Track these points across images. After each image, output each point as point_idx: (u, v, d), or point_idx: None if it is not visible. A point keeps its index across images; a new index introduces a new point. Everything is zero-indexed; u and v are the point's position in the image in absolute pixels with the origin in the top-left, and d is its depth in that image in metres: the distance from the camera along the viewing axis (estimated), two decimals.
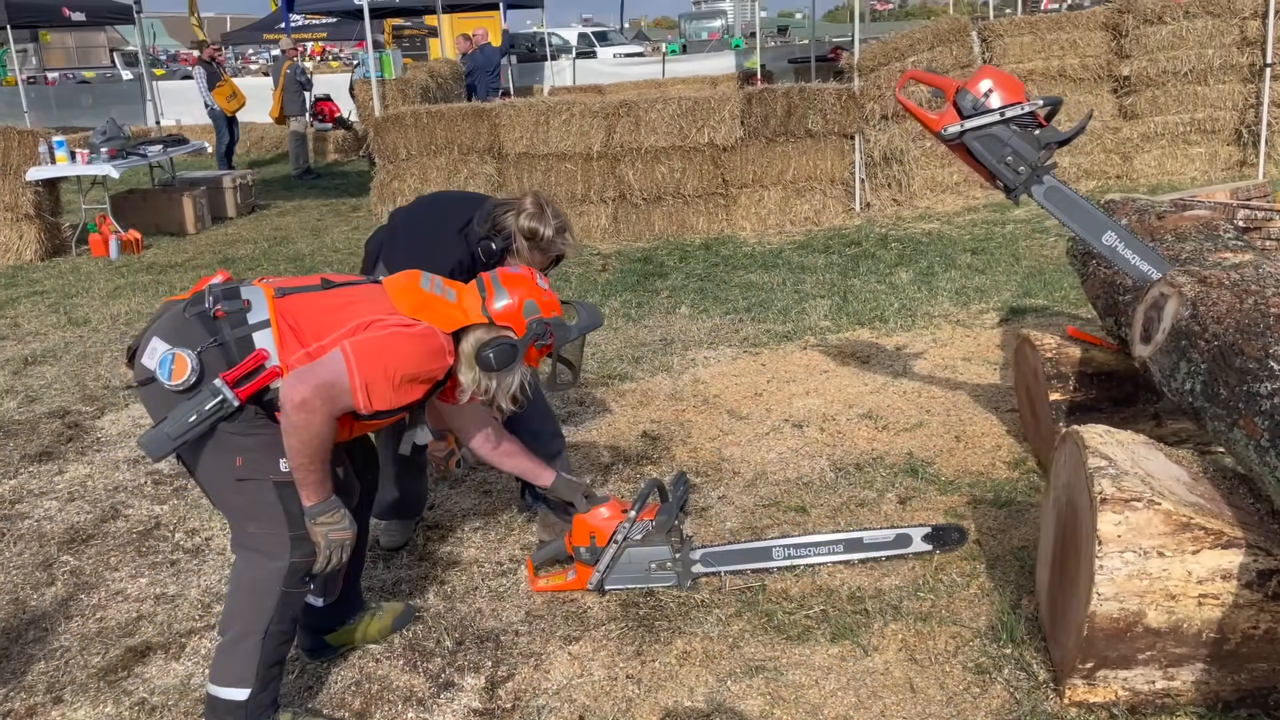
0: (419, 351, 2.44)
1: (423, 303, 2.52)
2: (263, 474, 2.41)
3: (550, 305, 2.65)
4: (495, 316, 2.57)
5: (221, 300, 2.43)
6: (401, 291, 2.55)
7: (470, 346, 2.54)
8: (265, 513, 2.43)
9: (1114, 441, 2.60)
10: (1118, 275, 3.62)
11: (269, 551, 2.44)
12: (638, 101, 8.83)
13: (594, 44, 27.48)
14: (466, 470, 3.74)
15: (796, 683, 2.69)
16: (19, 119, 12.78)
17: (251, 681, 2.44)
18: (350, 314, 2.45)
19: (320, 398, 2.31)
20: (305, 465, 2.37)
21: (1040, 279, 6.45)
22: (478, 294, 2.60)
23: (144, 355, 2.41)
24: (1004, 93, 3.31)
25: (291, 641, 2.56)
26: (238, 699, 2.44)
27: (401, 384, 2.41)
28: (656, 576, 3.12)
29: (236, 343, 2.38)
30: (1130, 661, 2.41)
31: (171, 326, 2.42)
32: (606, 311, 6.41)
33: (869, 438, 4.26)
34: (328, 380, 2.32)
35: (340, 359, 2.35)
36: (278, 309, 2.43)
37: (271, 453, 2.39)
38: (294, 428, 2.32)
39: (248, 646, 2.44)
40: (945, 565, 3.18)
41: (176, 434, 2.34)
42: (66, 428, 4.85)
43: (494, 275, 2.65)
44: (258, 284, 2.51)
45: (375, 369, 2.36)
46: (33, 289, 7.96)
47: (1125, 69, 9.44)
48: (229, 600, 2.53)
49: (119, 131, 9.78)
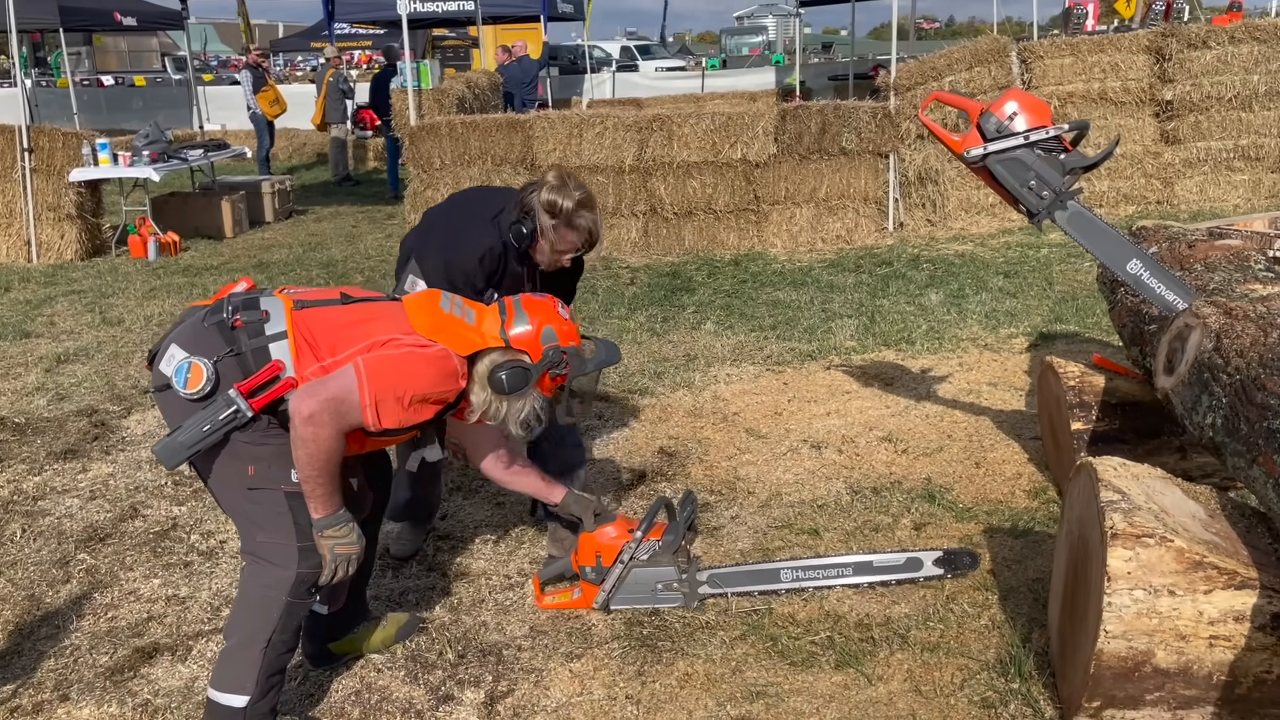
0: (432, 373, 2.44)
1: (441, 324, 2.52)
2: (274, 484, 2.42)
3: (569, 335, 2.65)
4: (513, 340, 2.56)
5: (241, 310, 2.45)
6: (420, 311, 2.56)
7: (484, 368, 2.54)
8: (275, 522, 2.44)
9: (1129, 475, 2.55)
10: (1144, 304, 3.56)
11: (276, 561, 2.45)
12: (671, 116, 8.84)
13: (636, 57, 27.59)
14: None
15: (796, 710, 2.65)
16: (69, 121, 13.04)
17: (251, 689, 2.45)
18: (367, 331, 2.46)
19: (329, 412, 2.32)
20: (313, 478, 2.38)
21: (1073, 305, 6.36)
22: (497, 316, 2.60)
23: (162, 361, 2.43)
24: (1029, 116, 3.26)
25: (294, 651, 2.57)
26: (236, 705, 2.45)
27: (412, 404, 2.41)
28: (663, 596, 3.10)
29: (253, 353, 2.40)
30: (1138, 702, 2.35)
31: (190, 334, 2.44)
32: (632, 325, 6.41)
33: (888, 461, 4.21)
34: (337, 396, 2.33)
35: (352, 375, 2.36)
36: (295, 321, 2.45)
37: (284, 462, 2.41)
38: (302, 441, 2.33)
39: (250, 654, 2.45)
40: (957, 595, 3.13)
41: (190, 442, 2.36)
42: (93, 426, 4.91)
43: (516, 300, 2.65)
44: (278, 294, 2.52)
45: (386, 387, 2.36)
46: (71, 288, 8.10)
47: (1168, 93, 9.30)
48: (235, 607, 2.54)
49: (161, 135, 9.95)
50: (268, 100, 13.80)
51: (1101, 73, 9.33)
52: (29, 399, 5.36)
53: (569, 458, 3.43)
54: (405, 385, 2.39)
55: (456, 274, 3.17)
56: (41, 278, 8.50)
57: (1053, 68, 9.38)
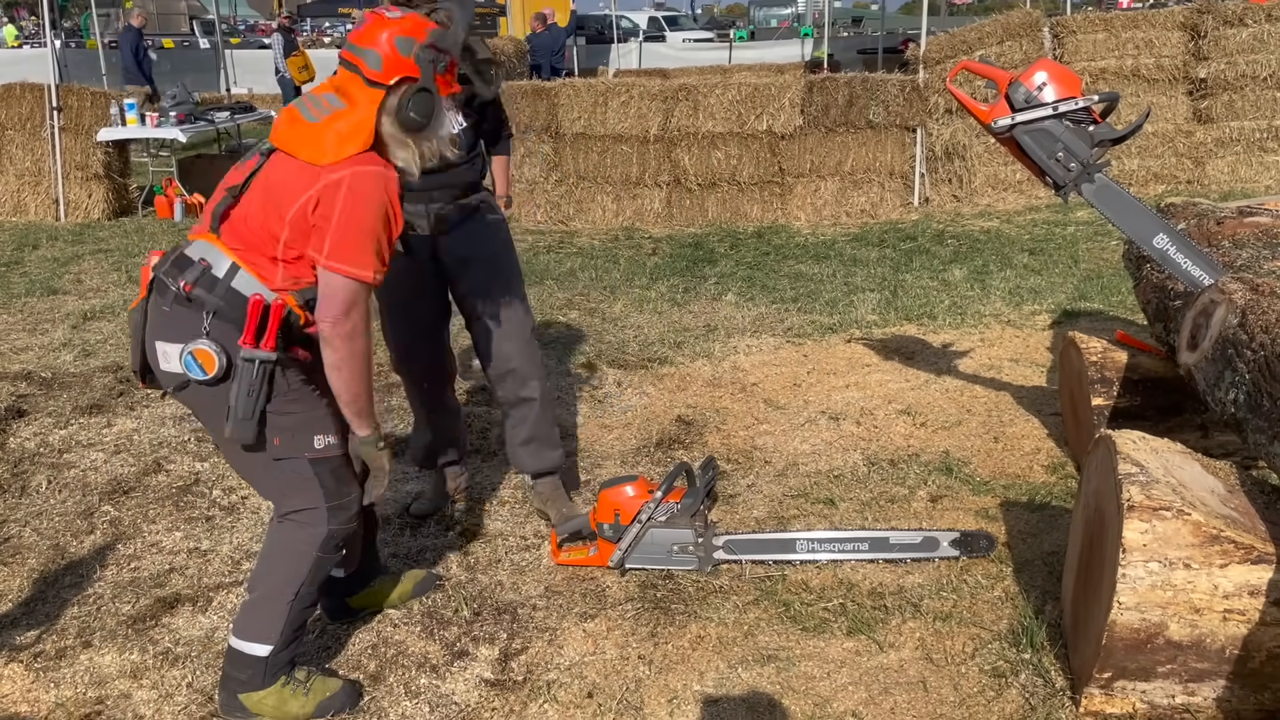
0: (369, 189, 2.29)
1: (326, 138, 2.30)
2: (298, 453, 2.42)
3: (417, 26, 2.38)
4: (384, 78, 2.33)
5: (180, 275, 2.32)
6: (300, 142, 2.33)
7: (389, 125, 2.35)
8: (302, 489, 2.45)
9: (1147, 449, 2.54)
10: (1170, 280, 3.52)
11: (307, 522, 2.47)
12: (697, 86, 8.79)
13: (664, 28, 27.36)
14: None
15: (808, 674, 2.67)
16: (98, 82, 13.09)
17: (275, 639, 2.48)
18: (278, 196, 2.30)
19: (350, 318, 2.30)
20: (362, 395, 2.38)
21: (1098, 283, 6.30)
22: (354, 75, 2.35)
23: (162, 364, 2.37)
24: (1059, 86, 3.23)
25: (315, 606, 2.61)
26: (259, 654, 2.48)
27: (385, 226, 2.32)
28: (678, 559, 3.12)
29: (227, 304, 2.31)
30: (1150, 674, 2.35)
31: (164, 326, 2.35)
32: (653, 295, 6.41)
33: (906, 434, 4.20)
34: (340, 299, 2.29)
35: (330, 275, 2.28)
36: (230, 246, 2.34)
37: (308, 431, 2.41)
38: (344, 361, 2.32)
39: (277, 606, 2.47)
40: (971, 566, 3.13)
41: (249, 413, 2.33)
42: (118, 382, 4.97)
43: (348, 46, 2.38)
44: (193, 238, 2.40)
45: (357, 244, 2.27)
46: (98, 247, 8.17)
47: (1202, 71, 9.15)
48: (262, 560, 2.56)
49: (188, 97, 9.99)
50: (297, 65, 13.82)
51: (1135, 49, 9.19)
52: (56, 354, 5.43)
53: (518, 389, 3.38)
54: (366, 225, 2.28)
55: None
56: (69, 236, 8.58)
57: (1085, 43, 9.24)
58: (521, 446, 3.45)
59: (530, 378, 3.38)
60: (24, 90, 9.21)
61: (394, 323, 3.40)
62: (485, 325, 3.32)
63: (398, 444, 4.08)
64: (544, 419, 3.45)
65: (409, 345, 3.42)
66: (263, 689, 2.50)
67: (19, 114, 9.21)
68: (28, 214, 9.35)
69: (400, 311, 3.36)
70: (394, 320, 3.39)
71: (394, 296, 3.32)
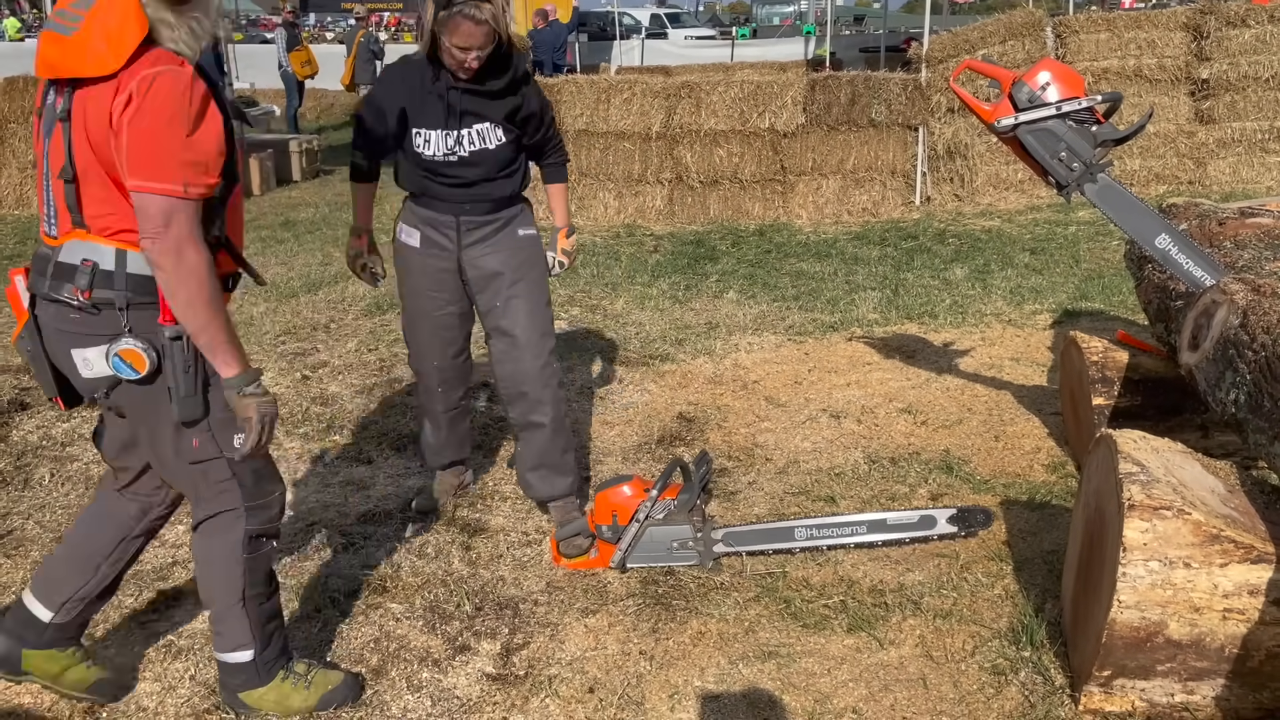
0: (158, 97, 2.02)
1: (91, 43, 2.03)
2: (217, 454, 2.30)
3: None
4: None
5: (70, 280, 2.14)
6: (73, 60, 2.06)
7: (153, 12, 2.06)
8: (220, 489, 2.35)
9: (1148, 448, 2.55)
10: (1171, 280, 3.53)
11: (223, 528, 2.37)
12: (699, 83, 8.80)
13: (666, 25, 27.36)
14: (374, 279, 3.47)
15: (808, 670, 2.68)
16: None
17: (252, 642, 2.45)
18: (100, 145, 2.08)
19: (171, 231, 2.04)
20: (212, 323, 2.11)
21: (1099, 283, 6.31)
22: None
23: (83, 372, 2.21)
24: (1062, 86, 3.23)
25: (276, 592, 2.51)
26: (244, 660, 2.46)
27: (184, 131, 2.04)
28: (678, 555, 3.13)
29: (134, 291, 2.14)
30: (1149, 672, 2.36)
31: (78, 332, 2.19)
32: (654, 292, 6.42)
33: (906, 432, 4.21)
34: (153, 215, 2.04)
35: (138, 195, 2.04)
36: (102, 234, 2.14)
37: (227, 431, 2.27)
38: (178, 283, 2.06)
39: (235, 614, 2.43)
40: (971, 564, 3.14)
41: (192, 388, 2.20)
42: None
43: None
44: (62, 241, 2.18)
45: (155, 159, 2.02)
46: None
47: (1204, 72, 9.17)
48: (199, 577, 2.47)
49: None
50: (300, 60, 13.83)
51: (1137, 49, 9.21)
52: None
53: (528, 413, 3.31)
54: (161, 134, 2.02)
55: (366, 104, 3.23)
56: None
57: (1088, 43, 9.25)
58: (530, 472, 3.38)
59: (542, 402, 3.28)
60: (27, 83, 9.21)
61: (416, 327, 3.39)
62: (502, 343, 3.28)
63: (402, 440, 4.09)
64: (553, 445, 3.34)
65: (428, 349, 3.40)
66: (262, 686, 2.50)
67: (22, 107, 9.22)
68: (30, 207, 9.36)
69: (423, 318, 3.34)
70: (417, 325, 3.38)
71: (418, 304, 3.31)
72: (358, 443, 4.20)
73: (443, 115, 3.07)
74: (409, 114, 3.10)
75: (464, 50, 2.91)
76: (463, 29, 2.87)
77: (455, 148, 3.11)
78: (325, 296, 6.47)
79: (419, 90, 3.06)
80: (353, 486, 3.82)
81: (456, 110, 3.07)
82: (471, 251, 3.25)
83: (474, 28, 2.86)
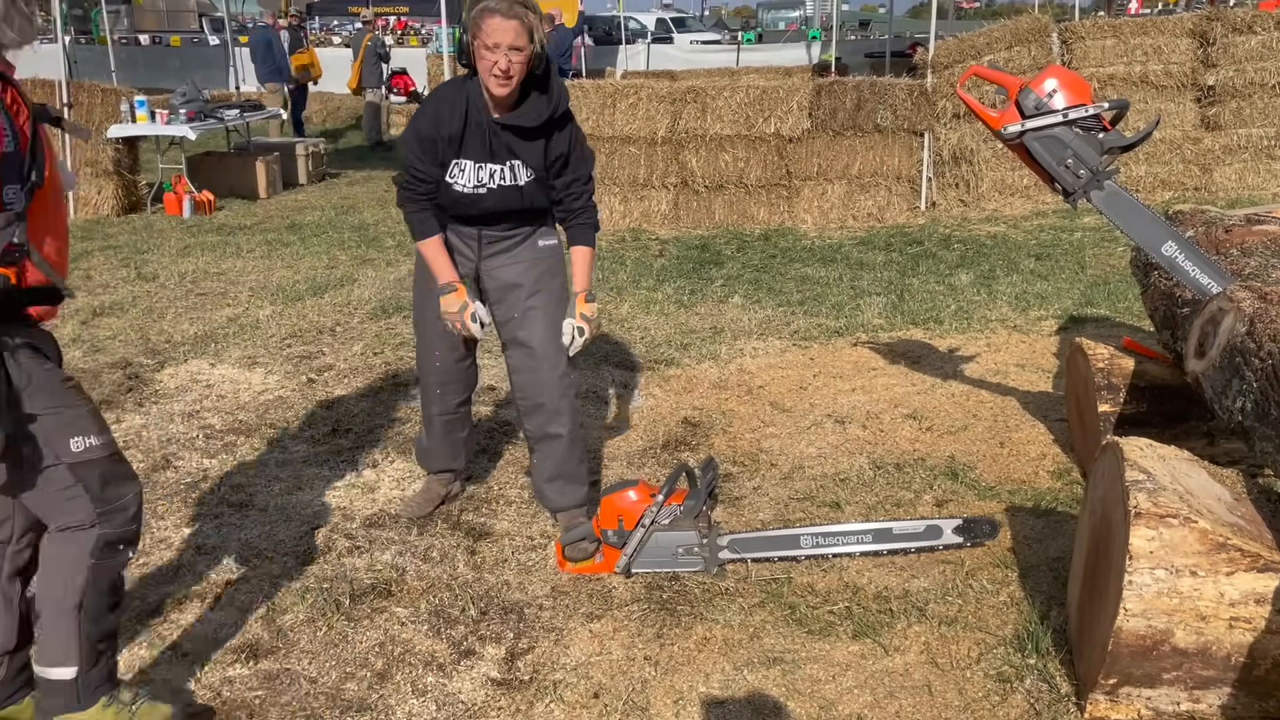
0: None
1: None
2: (56, 460, 2.20)
3: None
4: None
5: None
6: None
7: None
8: (68, 499, 2.24)
9: (1155, 456, 2.54)
10: (1177, 287, 3.53)
11: (76, 529, 2.27)
12: (705, 88, 8.80)
13: (671, 30, 27.39)
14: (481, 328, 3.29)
15: (813, 677, 2.68)
16: (107, 78, 13.14)
17: (76, 659, 2.29)
18: None
19: None
20: None
21: (1104, 289, 6.31)
22: None
23: None
24: (1069, 93, 3.23)
25: (118, 610, 2.38)
26: (65, 678, 2.30)
27: None
28: (683, 561, 3.13)
29: None
30: (1155, 681, 2.36)
31: None
32: (659, 297, 6.42)
33: (912, 438, 4.21)
34: None
35: None
36: None
37: (60, 436, 2.19)
38: None
39: (66, 624, 2.28)
40: (976, 571, 3.14)
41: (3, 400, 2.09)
42: (127, 379, 4.99)
43: None
44: None
45: None
46: (107, 243, 8.19)
47: (1210, 78, 9.16)
48: (40, 579, 2.33)
49: (198, 94, 10.02)
50: (299, 63, 13.87)
51: (1144, 55, 9.20)
52: (65, 350, 5.39)
53: (545, 424, 3.30)
54: None
55: (411, 139, 3.03)
56: (79, 232, 8.60)
57: (1094, 49, 9.25)
58: (547, 483, 3.38)
59: (560, 413, 3.26)
60: (35, 87, 9.22)
61: (425, 325, 3.38)
62: (519, 354, 3.27)
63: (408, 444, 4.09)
64: (571, 456, 3.33)
65: (433, 348, 3.39)
66: (81, 711, 2.33)
67: None
68: None
69: (433, 318, 3.29)
70: (426, 323, 3.37)
71: (430, 301, 3.27)
72: (363, 446, 4.20)
73: (482, 149, 3.04)
74: (457, 144, 3.04)
75: (493, 49, 2.83)
76: (491, 23, 2.81)
77: (488, 181, 3.09)
78: (331, 300, 6.48)
79: (466, 120, 3.01)
80: (358, 490, 3.82)
81: (495, 145, 3.04)
82: (491, 262, 3.25)
83: (502, 21, 2.80)
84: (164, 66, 22.55)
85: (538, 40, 2.90)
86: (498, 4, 2.81)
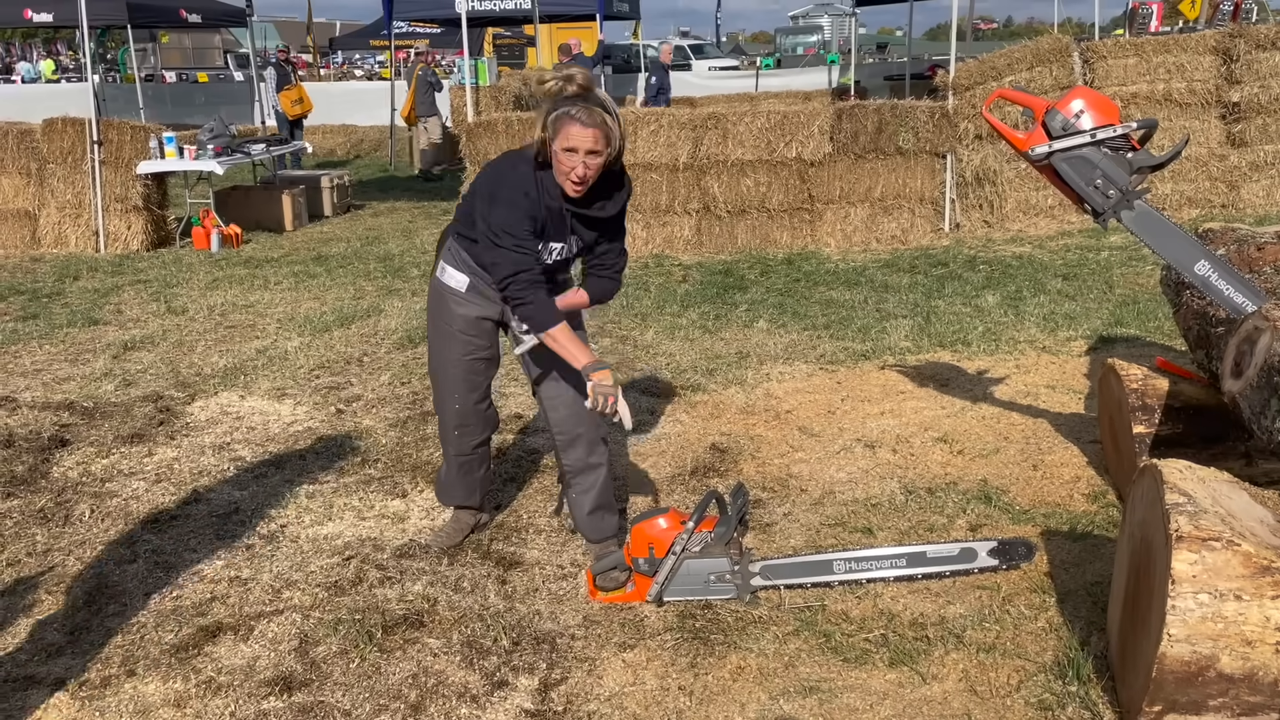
0: None
1: None
2: None
3: None
4: None
5: None
6: None
7: None
8: None
9: (1194, 478, 2.51)
10: (1211, 306, 3.49)
11: None
12: (726, 114, 8.83)
13: (689, 56, 27.56)
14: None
15: (850, 706, 2.64)
16: (135, 116, 13.36)
17: None
18: None
19: None
20: None
21: (1134, 308, 6.25)
22: None
23: None
24: (1096, 114, 3.22)
25: None
26: None
27: None
28: (715, 588, 3.11)
29: None
30: (1201, 708, 2.31)
31: None
32: (684, 322, 6.42)
33: (943, 462, 4.18)
34: None
35: None
36: None
37: None
38: None
39: None
40: (1013, 596, 3.10)
41: None
42: (158, 412, 5.03)
43: None
44: None
45: None
46: (137, 277, 8.30)
47: (1235, 95, 9.10)
48: None
49: (225, 130, 10.15)
50: (290, 99, 14.09)
51: (1166, 73, 9.16)
52: (97, 384, 5.51)
53: (581, 458, 3.34)
54: None
55: (500, 232, 2.93)
56: (109, 267, 8.72)
57: (1116, 68, 9.22)
58: (589, 516, 3.38)
59: (597, 443, 3.31)
60: (65, 124, 9.40)
61: (443, 368, 3.38)
62: (552, 390, 3.28)
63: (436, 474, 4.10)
64: (608, 486, 3.38)
65: (451, 391, 3.40)
66: None
67: (60, 148, 9.40)
68: (68, 246, 9.52)
69: (452, 360, 3.32)
70: (444, 366, 3.37)
71: (448, 345, 3.30)
72: (392, 476, 4.22)
73: (556, 232, 3.05)
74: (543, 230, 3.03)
75: (571, 153, 2.84)
76: (571, 131, 2.81)
77: (555, 255, 3.11)
78: (358, 330, 6.53)
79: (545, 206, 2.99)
80: (388, 520, 3.83)
81: (563, 226, 3.06)
82: None
83: (582, 130, 2.81)
84: (190, 102, 22.95)
85: (614, 144, 2.90)
86: (578, 112, 2.81)
